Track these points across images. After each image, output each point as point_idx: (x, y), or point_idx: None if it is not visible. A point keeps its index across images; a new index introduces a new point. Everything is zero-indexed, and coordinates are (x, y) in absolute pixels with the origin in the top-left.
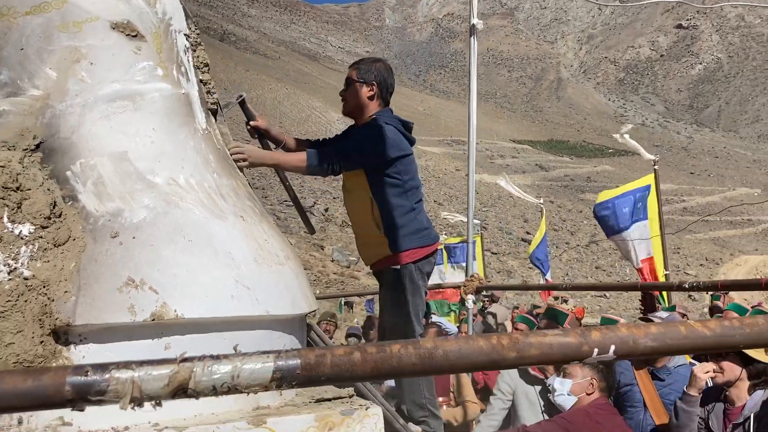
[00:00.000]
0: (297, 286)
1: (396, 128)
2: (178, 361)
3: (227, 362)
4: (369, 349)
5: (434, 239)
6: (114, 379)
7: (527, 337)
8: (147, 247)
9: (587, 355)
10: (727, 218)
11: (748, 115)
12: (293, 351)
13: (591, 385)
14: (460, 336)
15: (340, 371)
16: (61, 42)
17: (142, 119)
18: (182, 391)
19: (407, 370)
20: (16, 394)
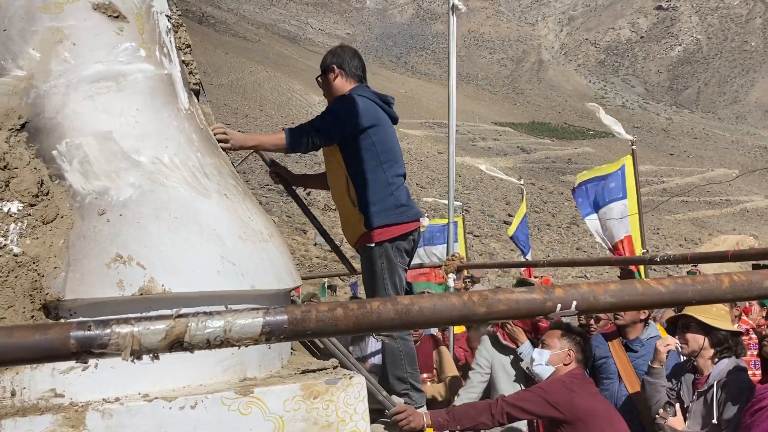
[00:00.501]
0: (281, 263)
1: (372, 100)
2: (174, 316)
3: (219, 318)
4: (351, 305)
5: (413, 216)
6: (115, 333)
7: (496, 293)
8: (134, 224)
9: (551, 310)
10: (705, 198)
11: (726, 96)
12: (281, 308)
13: (568, 356)
14: (436, 294)
15: (324, 325)
16: (43, 23)
17: (126, 99)
18: (178, 344)
19: (386, 324)
20: (25, 347)
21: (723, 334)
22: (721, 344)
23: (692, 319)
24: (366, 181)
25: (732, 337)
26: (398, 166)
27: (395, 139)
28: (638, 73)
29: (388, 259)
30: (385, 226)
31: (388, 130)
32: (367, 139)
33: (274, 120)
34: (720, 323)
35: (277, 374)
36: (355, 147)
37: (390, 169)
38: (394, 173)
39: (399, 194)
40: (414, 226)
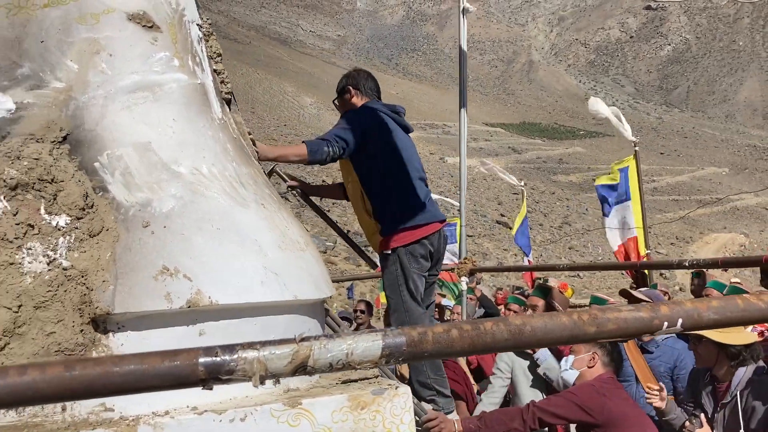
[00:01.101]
0: (318, 271)
1: (383, 112)
2: (297, 340)
3: (341, 341)
4: (465, 327)
5: (430, 219)
6: (242, 359)
7: (605, 312)
8: (178, 236)
9: (657, 328)
10: (696, 197)
11: (715, 95)
12: (397, 330)
13: (592, 359)
14: (545, 314)
15: (440, 347)
16: (80, 34)
17: (162, 109)
18: (302, 368)
19: (500, 345)
20: (156, 374)
21: (737, 349)
22: (736, 357)
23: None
24: (379, 190)
25: (746, 348)
26: (414, 171)
27: (409, 146)
28: (628, 73)
29: (402, 265)
30: (398, 231)
31: (400, 138)
32: (378, 148)
33: (266, 122)
34: (731, 338)
35: (318, 384)
36: (366, 157)
37: (404, 176)
38: (408, 179)
39: (414, 199)
40: (431, 228)
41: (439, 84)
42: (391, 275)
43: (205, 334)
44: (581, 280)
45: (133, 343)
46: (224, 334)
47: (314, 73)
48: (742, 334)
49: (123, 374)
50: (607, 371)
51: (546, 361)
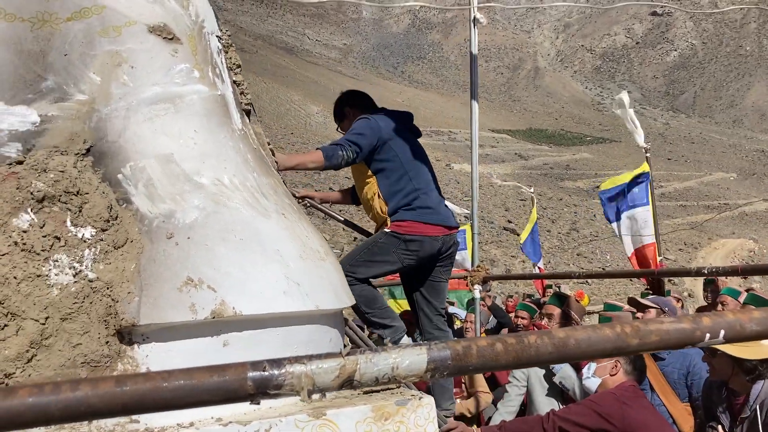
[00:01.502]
0: (338, 281)
1: (388, 117)
2: (343, 354)
3: (386, 355)
4: (509, 340)
5: (437, 221)
6: (289, 374)
7: (647, 324)
8: (202, 247)
9: (699, 339)
10: (704, 203)
11: (722, 100)
12: (441, 343)
13: (615, 367)
14: (588, 326)
15: (485, 360)
16: (102, 46)
17: (183, 121)
18: (349, 382)
19: (544, 358)
20: (206, 389)
21: (752, 363)
22: (752, 372)
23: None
24: (393, 190)
25: (762, 363)
26: (424, 173)
27: (418, 150)
28: (634, 79)
29: (385, 243)
30: (403, 221)
31: (412, 142)
32: (390, 152)
33: (273, 131)
34: (747, 352)
35: (340, 395)
36: (381, 160)
37: (416, 177)
38: (419, 181)
39: (424, 198)
40: (436, 230)
41: (445, 91)
42: (370, 240)
43: (229, 345)
44: (590, 286)
45: (158, 355)
46: (247, 345)
47: (320, 81)
48: (758, 348)
49: (172, 389)
50: (629, 379)
51: (562, 369)
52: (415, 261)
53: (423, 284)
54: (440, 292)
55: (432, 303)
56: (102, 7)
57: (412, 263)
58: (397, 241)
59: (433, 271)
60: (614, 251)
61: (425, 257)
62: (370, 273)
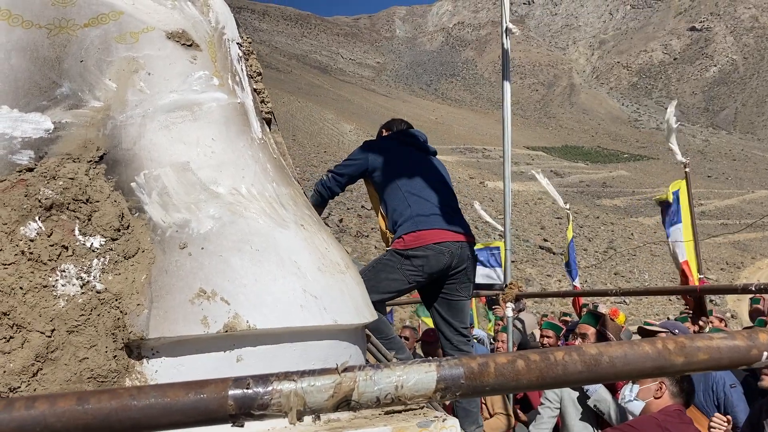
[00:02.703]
0: (359, 295)
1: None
2: (339, 371)
3: (389, 372)
4: (532, 357)
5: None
6: (276, 392)
7: (694, 341)
8: (216, 258)
9: (756, 359)
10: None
11: (765, 116)
12: (454, 360)
13: (659, 390)
14: (625, 342)
15: (504, 380)
16: (119, 53)
17: (201, 129)
18: (345, 403)
19: (573, 377)
20: (179, 409)
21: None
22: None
23: None
24: (390, 205)
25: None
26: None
27: (424, 169)
28: (672, 95)
29: (390, 261)
30: (402, 236)
31: (414, 161)
32: (387, 172)
33: (306, 149)
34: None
35: (360, 415)
36: (378, 181)
37: (413, 195)
38: (417, 198)
39: (419, 208)
40: (438, 235)
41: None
42: (378, 258)
43: (242, 360)
44: (627, 306)
45: (168, 370)
46: (262, 360)
47: (354, 100)
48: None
49: (141, 408)
50: (675, 403)
51: (596, 392)
52: (422, 277)
53: (438, 302)
54: (459, 310)
55: (450, 322)
56: (120, 13)
57: (419, 279)
58: (400, 258)
59: (447, 287)
60: (652, 270)
61: (433, 272)
62: (378, 296)
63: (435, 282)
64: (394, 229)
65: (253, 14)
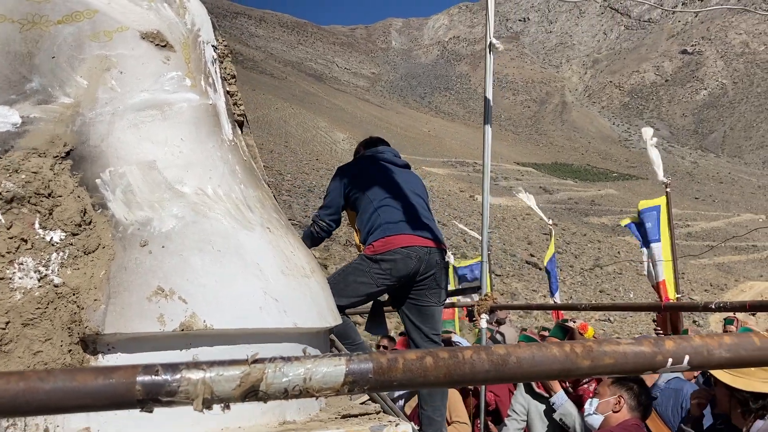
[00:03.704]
0: (323, 299)
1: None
2: (249, 362)
3: (299, 364)
4: (441, 354)
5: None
6: (185, 380)
7: (601, 345)
8: (176, 257)
9: (661, 365)
10: (731, 243)
11: (752, 141)
12: (365, 354)
13: (618, 404)
14: (534, 344)
15: (412, 376)
16: (92, 51)
17: (171, 129)
18: (253, 393)
19: (480, 376)
20: (89, 393)
21: (745, 395)
22: (746, 405)
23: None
24: (363, 220)
25: (756, 399)
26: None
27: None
28: (663, 116)
29: (359, 265)
30: (372, 243)
31: (385, 175)
32: (358, 190)
33: (298, 156)
34: (741, 382)
35: (316, 418)
36: (352, 200)
37: (383, 206)
38: (386, 208)
39: (387, 215)
40: (405, 240)
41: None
42: (348, 263)
43: (198, 359)
44: (612, 324)
45: None
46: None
47: (348, 109)
48: (754, 380)
49: (48, 391)
50: (633, 416)
51: (562, 406)
52: (390, 280)
53: (408, 307)
54: (429, 316)
55: (420, 328)
56: (94, 11)
57: (387, 283)
58: (369, 262)
59: (416, 292)
60: (638, 289)
61: (401, 276)
62: (347, 299)
63: (404, 287)
64: (365, 240)
65: (249, 20)
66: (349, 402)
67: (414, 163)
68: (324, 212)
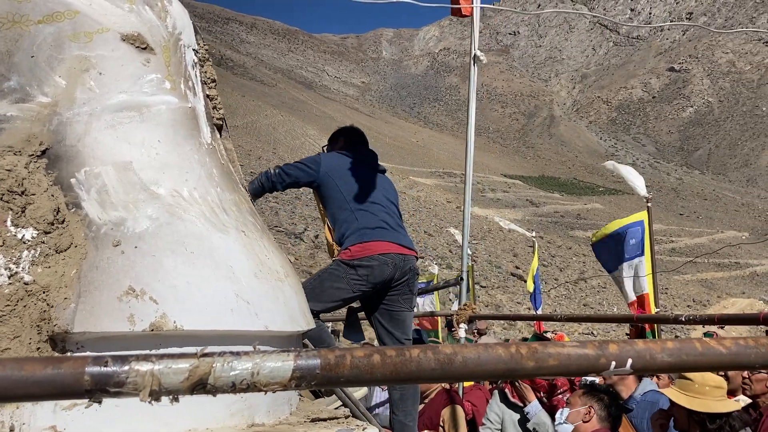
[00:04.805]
0: (296, 304)
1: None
2: (198, 355)
3: (248, 359)
4: (388, 352)
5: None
6: (134, 371)
7: (547, 347)
8: (149, 257)
9: (605, 367)
10: (714, 260)
11: (737, 159)
12: (313, 350)
13: (588, 414)
14: (481, 344)
15: (359, 372)
16: (71, 51)
17: (148, 130)
18: (201, 386)
19: (426, 374)
20: (36, 381)
21: (701, 416)
22: (704, 425)
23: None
24: (338, 219)
25: (712, 419)
26: (370, 206)
27: (369, 183)
28: (649, 133)
29: (335, 270)
30: (348, 248)
31: (363, 178)
32: (335, 187)
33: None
34: (699, 403)
35: (286, 421)
36: (326, 195)
37: (359, 209)
38: (362, 212)
39: (364, 221)
40: (382, 247)
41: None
42: (324, 267)
43: None
44: (595, 337)
45: None
46: None
47: (337, 117)
48: (708, 400)
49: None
50: (602, 427)
51: (536, 415)
52: (366, 287)
53: (380, 312)
54: (401, 322)
55: (392, 333)
56: (75, 12)
57: (363, 289)
58: (346, 267)
59: (389, 298)
60: (621, 303)
61: (377, 282)
62: (322, 304)
63: (378, 293)
64: (341, 241)
65: (241, 26)
66: (320, 407)
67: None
68: (284, 174)
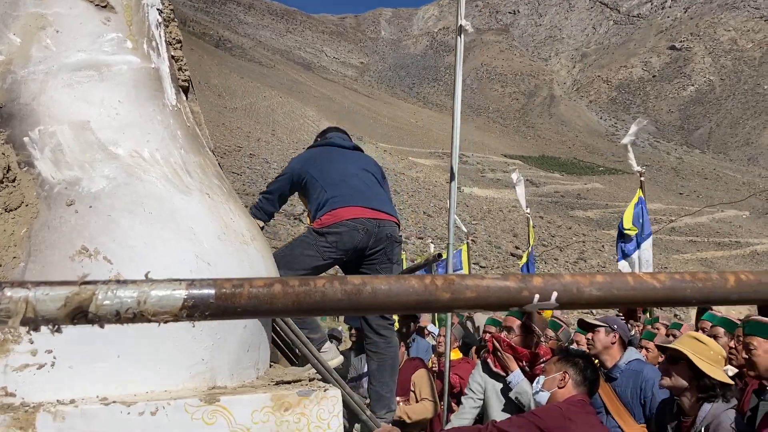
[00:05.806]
0: (263, 267)
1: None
2: (79, 282)
3: (134, 287)
4: (291, 282)
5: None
6: (6, 298)
7: (464, 279)
8: (104, 217)
9: (527, 301)
10: (714, 239)
11: (738, 138)
12: (209, 280)
13: (563, 380)
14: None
15: (258, 303)
16: (26, 8)
17: (108, 90)
18: (82, 314)
19: (331, 305)
20: None
21: (711, 383)
22: (707, 391)
23: (683, 355)
24: (314, 198)
25: (720, 387)
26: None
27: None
28: (650, 112)
29: (306, 238)
30: (319, 218)
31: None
32: (310, 177)
33: (285, 144)
34: (713, 370)
35: (250, 384)
36: (304, 186)
37: (331, 186)
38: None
39: (335, 191)
40: (352, 212)
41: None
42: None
43: None
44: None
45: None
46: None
47: (335, 98)
48: (720, 372)
49: None
50: (579, 392)
51: (518, 384)
52: (336, 253)
53: None
54: None
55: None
56: None
57: (334, 256)
58: (316, 235)
59: (367, 267)
60: None
61: (348, 249)
62: (293, 272)
63: (355, 263)
64: (313, 218)
65: (238, 6)
66: (286, 370)
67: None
68: (267, 195)
